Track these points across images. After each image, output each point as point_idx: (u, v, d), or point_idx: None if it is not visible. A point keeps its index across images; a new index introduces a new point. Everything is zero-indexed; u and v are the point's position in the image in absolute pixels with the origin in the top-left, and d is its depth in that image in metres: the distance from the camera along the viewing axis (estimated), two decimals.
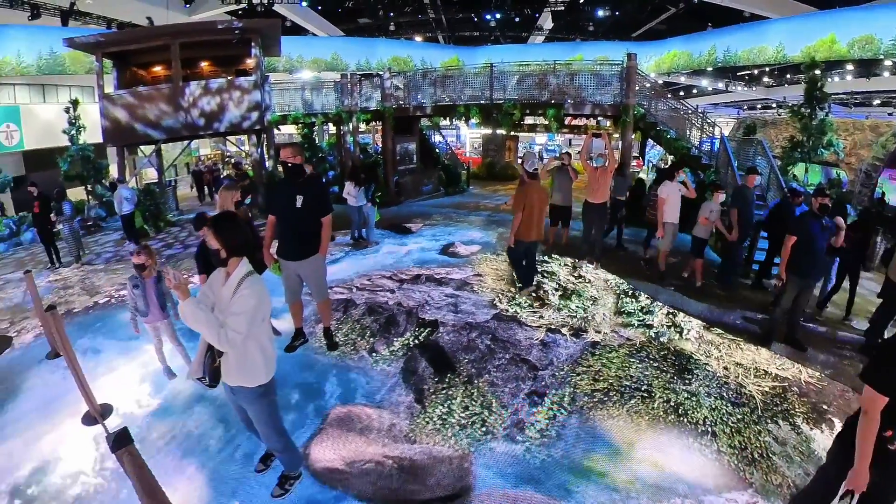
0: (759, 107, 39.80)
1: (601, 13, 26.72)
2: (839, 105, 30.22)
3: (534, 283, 7.77)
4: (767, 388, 5.25)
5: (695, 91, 37.75)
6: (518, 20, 28.16)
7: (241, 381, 3.21)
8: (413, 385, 5.27)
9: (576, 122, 17.90)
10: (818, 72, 11.38)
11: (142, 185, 15.11)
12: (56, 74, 21.20)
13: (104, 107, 13.24)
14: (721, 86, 33.95)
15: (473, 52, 30.49)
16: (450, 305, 7.14)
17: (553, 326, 6.54)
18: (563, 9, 25.56)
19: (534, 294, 7.53)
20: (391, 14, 28.28)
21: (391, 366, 5.63)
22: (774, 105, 34.36)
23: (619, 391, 5.15)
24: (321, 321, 5.92)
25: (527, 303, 7.24)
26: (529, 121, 16.13)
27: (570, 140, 27.30)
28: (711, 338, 6.35)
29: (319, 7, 27.02)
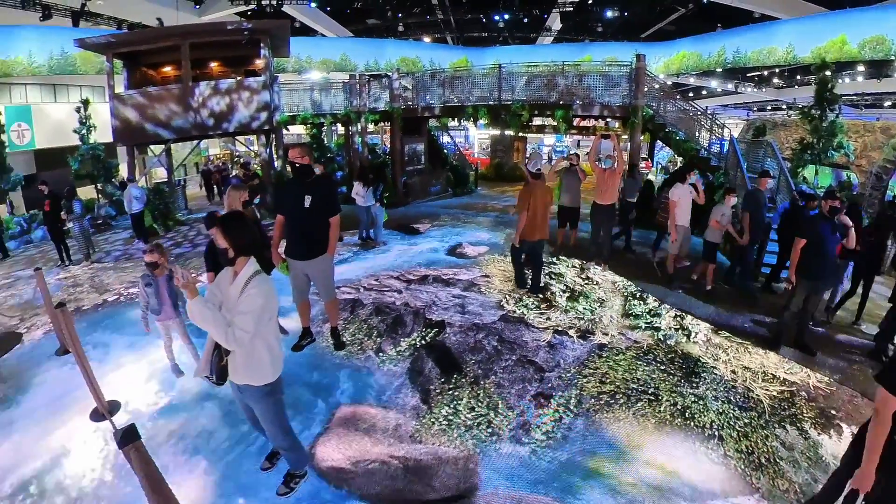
0: (769, 108, 39.61)
1: (610, 14, 26.71)
2: (850, 107, 30.00)
3: (541, 284, 7.76)
4: (775, 393, 5.21)
5: (704, 92, 37.61)
6: (526, 21, 28.15)
7: (249, 380, 3.23)
8: (419, 385, 5.28)
9: (584, 124, 17.87)
10: (829, 73, 11.29)
11: (151, 185, 15.22)
12: (67, 74, 21.42)
13: (114, 107, 13.34)
14: (730, 87, 33.80)
15: (482, 53, 30.49)
16: (457, 306, 7.14)
17: (560, 328, 6.52)
18: (572, 10, 25.50)
19: (541, 295, 7.53)
20: (400, 15, 28.38)
21: (398, 366, 5.64)
22: (784, 106, 34.19)
23: (626, 394, 5.13)
24: (328, 321, 5.93)
25: (534, 304, 7.24)
26: (538, 122, 16.10)
27: (579, 141, 27.24)
28: (719, 341, 6.31)
29: (328, 8, 27.15)
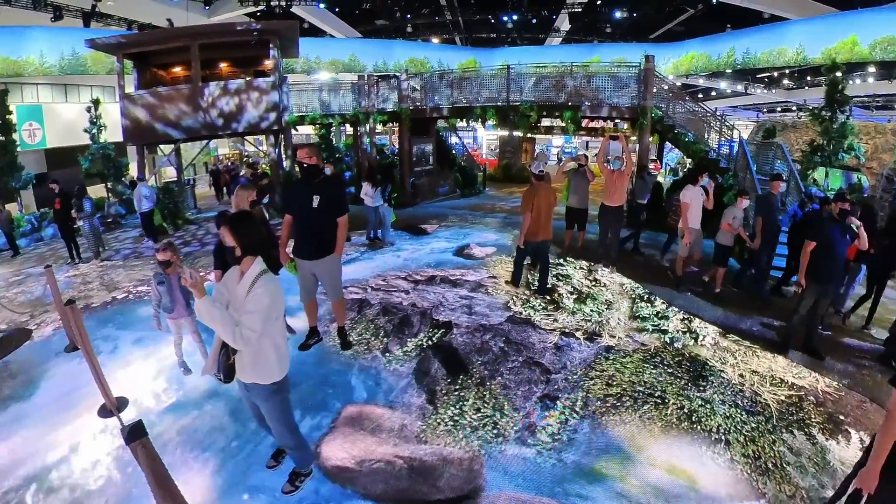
0: (779, 109, 39.40)
1: (619, 15, 26.63)
2: (860, 108, 29.78)
3: (549, 286, 7.75)
4: (783, 397, 5.17)
5: (713, 93, 37.48)
6: (535, 22, 28.14)
7: (256, 378, 3.25)
8: (425, 386, 5.28)
9: (593, 125, 17.85)
10: (839, 74, 11.19)
11: (161, 184, 15.34)
12: (78, 74, 21.67)
13: (125, 106, 13.45)
14: (740, 88, 33.68)
15: (490, 54, 30.52)
16: (464, 307, 7.14)
17: (567, 330, 6.51)
18: (581, 10, 25.47)
19: (548, 297, 7.51)
20: (408, 16, 28.45)
21: (404, 366, 5.64)
22: (794, 108, 33.97)
23: (633, 396, 5.11)
24: (335, 320, 5.95)
25: (541, 306, 7.22)
26: (546, 123, 16.10)
27: (588, 143, 27.17)
28: (727, 344, 6.27)
29: (337, 9, 27.25)
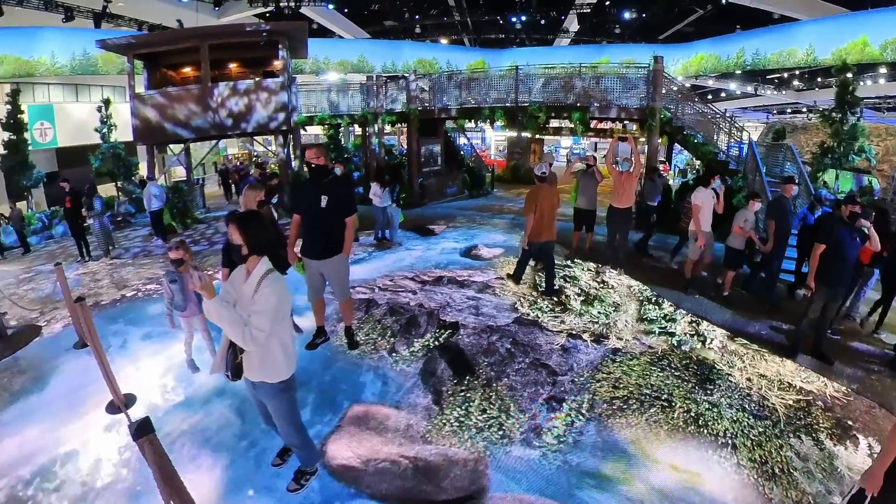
0: (789, 111, 39.09)
1: (627, 15, 26.54)
2: (871, 110, 29.50)
3: (555, 289, 7.74)
4: (791, 402, 5.14)
5: (723, 95, 37.24)
6: (544, 22, 28.08)
7: (263, 377, 3.27)
8: (432, 386, 5.29)
9: (601, 126, 17.79)
10: (849, 75, 11.10)
11: (170, 183, 15.46)
12: (89, 74, 21.86)
13: (135, 106, 13.54)
14: (750, 89, 33.45)
15: (499, 55, 30.49)
16: (471, 308, 7.14)
17: (574, 332, 6.50)
18: (589, 11, 25.40)
19: (555, 298, 7.50)
20: (417, 16, 28.46)
21: (411, 366, 5.65)
22: (804, 109, 33.70)
23: (639, 399, 5.09)
24: (343, 320, 5.97)
25: (548, 307, 7.21)
26: (555, 124, 16.05)
27: (596, 144, 27.08)
28: (735, 348, 6.23)
29: (346, 10, 27.32)
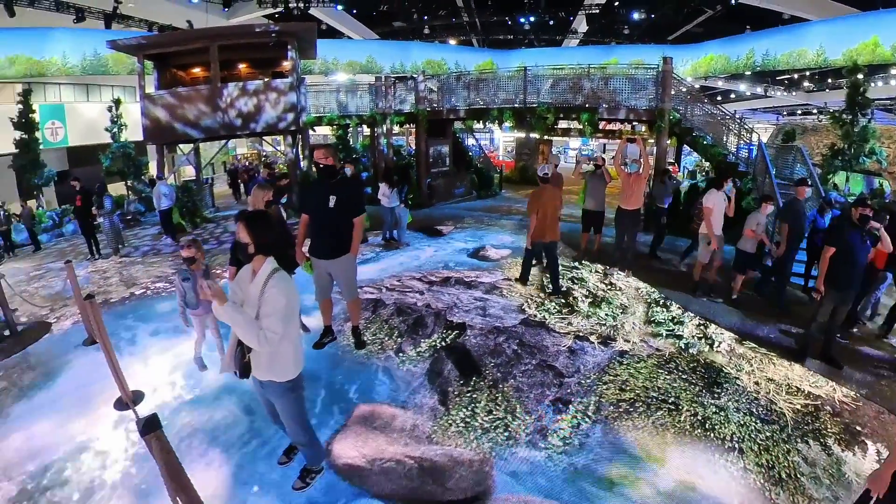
0: (799, 112, 38.79)
1: (636, 16, 26.43)
2: (882, 111, 29.19)
3: (561, 288, 7.73)
4: (799, 406, 5.09)
5: (732, 96, 37.05)
6: (552, 23, 28.01)
7: (272, 376, 3.29)
8: (438, 387, 5.29)
9: (610, 127, 17.71)
10: (860, 76, 11.01)
11: (180, 182, 15.52)
12: (99, 75, 22.11)
13: (145, 106, 13.65)
14: (759, 90, 33.25)
15: (507, 56, 30.50)
16: (478, 309, 7.14)
17: (581, 334, 6.48)
18: (598, 12, 25.32)
19: (562, 300, 7.49)
20: (425, 17, 28.49)
21: (417, 367, 5.66)
22: (815, 111, 33.39)
23: (646, 402, 5.07)
24: (350, 320, 5.99)
25: (555, 309, 7.20)
26: (563, 125, 15.98)
27: (605, 145, 27.00)
28: (743, 351, 6.19)
29: (355, 11, 27.39)
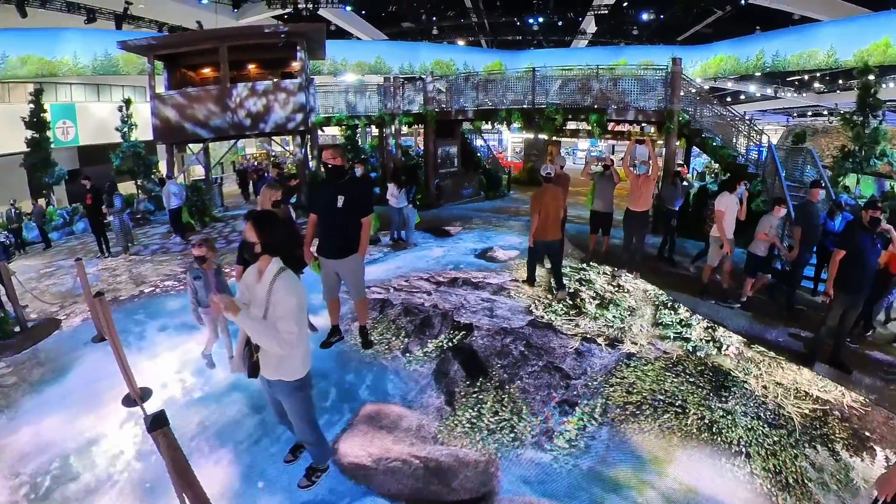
0: (810, 114, 38.45)
1: (645, 17, 26.29)
2: (894, 113, 28.93)
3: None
4: (807, 411, 5.05)
5: (742, 97, 36.77)
6: (561, 24, 27.93)
7: (281, 375, 3.31)
8: (444, 387, 5.30)
9: (619, 128, 17.63)
10: (872, 77, 10.92)
11: (189, 182, 15.62)
12: (110, 75, 22.31)
13: (155, 106, 13.76)
14: (769, 92, 32.96)
15: (516, 56, 30.44)
16: (485, 310, 7.14)
17: (588, 335, 6.46)
18: (607, 12, 25.23)
19: (570, 301, 7.47)
20: (434, 18, 28.48)
21: (424, 367, 5.67)
22: (825, 112, 33.10)
23: (653, 405, 5.06)
24: (357, 319, 6.02)
25: (563, 310, 7.19)
26: (572, 126, 15.93)
27: (614, 146, 26.90)
28: (752, 355, 6.15)
29: (363, 11, 27.44)
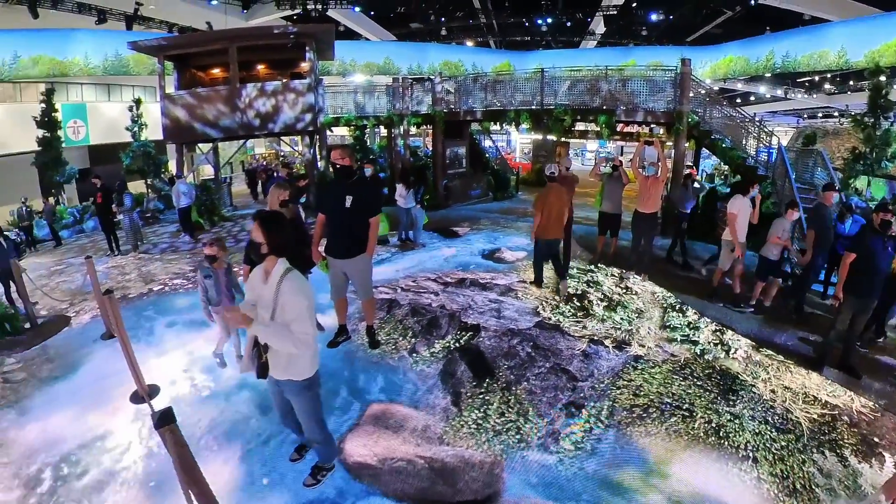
0: (820, 115, 38.12)
1: (655, 17, 26.16)
2: None
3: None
4: (816, 416, 5.01)
5: (752, 98, 36.54)
6: (570, 25, 27.86)
7: (290, 375, 3.33)
8: (451, 388, 5.30)
9: (628, 130, 17.58)
10: (883, 78, 10.82)
11: (199, 181, 15.71)
12: (120, 75, 22.50)
13: (165, 106, 13.84)
14: (780, 93, 32.73)
15: (525, 57, 30.39)
16: (493, 311, 7.13)
17: (596, 337, 6.45)
18: (616, 13, 25.14)
19: (577, 302, 7.46)
20: (443, 19, 28.49)
21: (430, 367, 5.68)
22: (836, 114, 32.78)
23: (660, 408, 5.04)
24: (365, 319, 6.03)
25: (570, 312, 7.17)
26: (580, 127, 15.89)
27: (623, 147, 26.80)
28: (760, 358, 6.10)
29: (372, 12, 27.50)
